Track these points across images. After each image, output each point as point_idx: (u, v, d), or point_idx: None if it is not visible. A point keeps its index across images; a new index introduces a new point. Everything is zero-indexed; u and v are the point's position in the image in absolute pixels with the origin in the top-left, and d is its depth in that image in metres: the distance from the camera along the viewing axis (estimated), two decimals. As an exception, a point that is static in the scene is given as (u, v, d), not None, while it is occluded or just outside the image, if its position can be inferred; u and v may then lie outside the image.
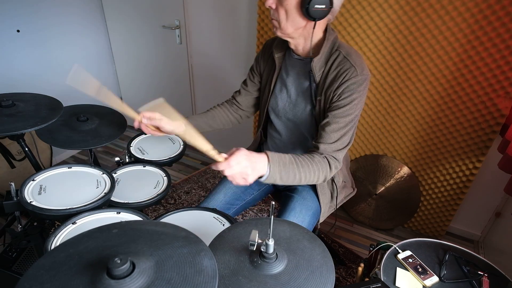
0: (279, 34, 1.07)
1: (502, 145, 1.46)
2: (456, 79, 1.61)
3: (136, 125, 1.11)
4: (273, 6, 1.02)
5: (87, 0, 2.46)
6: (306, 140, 1.22)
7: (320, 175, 1.04)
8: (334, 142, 1.06)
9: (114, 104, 1.04)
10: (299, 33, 1.06)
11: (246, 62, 2.20)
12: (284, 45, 1.16)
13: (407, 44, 1.63)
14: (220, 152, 0.93)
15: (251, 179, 0.92)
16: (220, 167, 0.90)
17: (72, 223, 0.93)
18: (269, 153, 0.96)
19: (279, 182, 0.98)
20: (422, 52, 1.62)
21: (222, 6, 2.10)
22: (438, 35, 1.56)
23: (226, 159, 0.90)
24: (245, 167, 0.90)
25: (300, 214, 1.20)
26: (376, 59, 1.73)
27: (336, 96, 1.04)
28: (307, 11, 0.96)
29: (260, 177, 0.96)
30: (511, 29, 1.42)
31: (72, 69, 0.94)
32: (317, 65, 1.07)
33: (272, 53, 1.19)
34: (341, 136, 1.06)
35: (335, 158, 1.07)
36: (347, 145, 1.09)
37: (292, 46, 1.13)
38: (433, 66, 1.63)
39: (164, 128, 1.10)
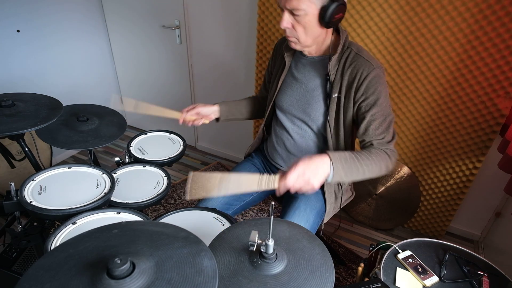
0: (298, 48, 1.11)
1: (502, 145, 1.46)
2: (456, 79, 1.61)
3: (180, 121, 1.28)
4: (289, 26, 1.04)
5: (87, 0, 2.46)
6: (315, 135, 1.24)
7: (382, 165, 1.07)
8: (383, 137, 1.10)
9: (154, 112, 1.17)
10: (318, 41, 1.11)
11: (246, 62, 2.20)
12: None
13: (407, 44, 1.63)
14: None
15: (317, 185, 0.93)
16: (282, 188, 0.90)
17: (72, 223, 0.93)
18: (329, 152, 0.98)
19: (344, 179, 1.00)
20: (422, 52, 1.62)
21: (222, 6, 2.10)
22: (438, 35, 1.56)
23: (283, 177, 0.90)
24: (307, 178, 0.91)
25: (305, 213, 1.20)
26: (376, 59, 1.73)
27: (361, 95, 1.07)
28: (327, 23, 1.00)
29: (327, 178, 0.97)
30: (511, 29, 1.42)
31: (112, 99, 1.10)
32: (333, 63, 1.10)
33: (282, 52, 1.23)
34: (386, 129, 1.10)
35: (389, 147, 1.11)
36: (394, 135, 1.12)
37: (306, 53, 1.17)
38: (433, 66, 1.63)
39: (202, 112, 1.28)
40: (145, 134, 1.46)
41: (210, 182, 0.87)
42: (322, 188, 1.26)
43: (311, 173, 0.92)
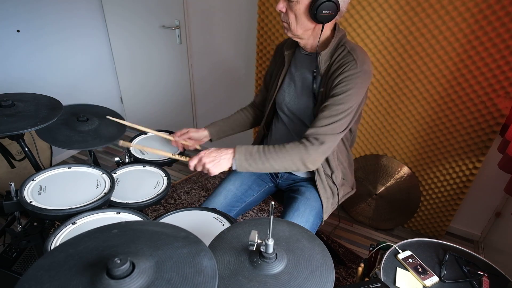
0: (289, 35, 1.13)
1: (502, 145, 1.46)
2: (456, 79, 1.61)
3: (173, 144, 1.33)
4: (284, 10, 1.07)
5: (87, 0, 2.46)
6: None
7: (295, 160, 1.09)
8: (323, 127, 1.07)
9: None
10: (309, 34, 1.12)
11: (246, 62, 2.20)
12: (294, 43, 1.21)
13: (407, 44, 1.63)
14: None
15: (214, 171, 1.09)
16: (190, 164, 1.11)
17: (72, 223, 0.93)
18: (238, 146, 1.11)
19: (251, 169, 1.11)
20: (422, 52, 1.62)
21: (222, 6, 2.10)
22: (438, 35, 1.56)
23: (191, 158, 1.11)
24: (204, 163, 1.09)
25: (304, 214, 1.20)
26: (376, 59, 1.73)
27: (334, 85, 1.08)
28: (315, 16, 1.02)
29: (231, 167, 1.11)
30: (511, 29, 1.42)
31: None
32: (323, 58, 1.11)
33: (282, 51, 1.24)
34: (331, 123, 1.07)
35: (319, 140, 1.08)
36: (338, 133, 1.09)
37: (301, 45, 1.19)
38: (433, 66, 1.63)
39: (193, 137, 1.32)
40: (145, 134, 1.46)
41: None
42: (316, 185, 1.27)
43: (209, 161, 1.08)
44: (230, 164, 1.09)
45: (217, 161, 1.08)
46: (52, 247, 0.86)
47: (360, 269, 1.13)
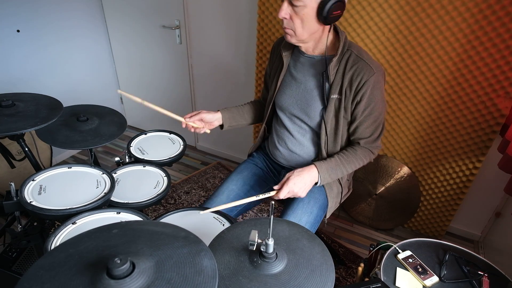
0: (293, 41, 1.12)
1: (502, 145, 1.46)
2: (456, 79, 1.61)
3: (183, 125, 1.25)
4: (287, 17, 1.05)
5: (87, 0, 2.46)
6: (314, 133, 1.24)
7: (365, 161, 1.22)
8: (371, 135, 1.19)
9: (159, 110, 1.18)
10: (312, 38, 1.11)
11: (246, 62, 2.20)
12: (291, 44, 1.19)
13: (407, 44, 1.63)
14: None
15: (304, 195, 1.12)
16: (279, 196, 1.09)
17: (72, 223, 0.93)
18: (317, 164, 1.14)
19: (330, 181, 1.19)
20: (422, 52, 1.62)
21: (222, 6, 2.10)
22: (438, 35, 1.56)
23: (278, 190, 1.10)
24: (296, 192, 1.09)
25: (309, 205, 1.22)
26: (376, 59, 1.73)
27: (359, 97, 1.11)
28: (325, 18, 1.01)
29: (316, 183, 1.15)
30: (511, 29, 1.42)
31: (119, 94, 1.11)
32: (333, 64, 1.11)
33: (280, 51, 1.23)
34: (375, 128, 1.19)
35: (375, 145, 1.23)
36: (381, 131, 1.22)
37: (303, 49, 1.18)
38: (433, 66, 1.63)
39: (205, 118, 1.27)
40: (145, 134, 1.46)
41: None
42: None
43: (299, 189, 1.09)
44: (314, 182, 1.14)
45: (308, 186, 1.12)
46: (52, 247, 0.86)
47: (360, 269, 1.13)
